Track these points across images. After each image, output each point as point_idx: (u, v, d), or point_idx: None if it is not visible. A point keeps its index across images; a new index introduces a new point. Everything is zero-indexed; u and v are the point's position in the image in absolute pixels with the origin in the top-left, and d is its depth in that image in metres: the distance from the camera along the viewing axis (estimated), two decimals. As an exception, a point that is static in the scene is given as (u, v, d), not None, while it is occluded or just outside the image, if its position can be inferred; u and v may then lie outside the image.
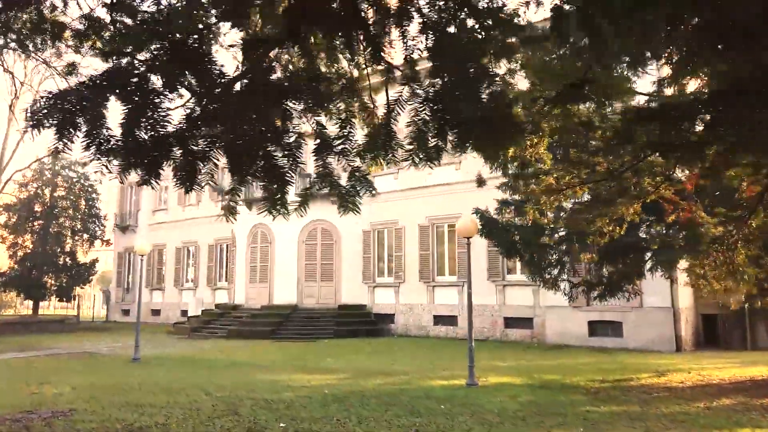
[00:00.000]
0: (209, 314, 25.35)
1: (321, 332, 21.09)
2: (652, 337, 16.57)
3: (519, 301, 19.61)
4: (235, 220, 5.77)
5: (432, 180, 22.30)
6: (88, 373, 12.17)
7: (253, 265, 24.99)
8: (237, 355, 15.65)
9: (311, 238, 23.91)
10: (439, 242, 21.96)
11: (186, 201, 32.55)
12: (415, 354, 16.07)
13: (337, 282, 23.63)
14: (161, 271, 33.49)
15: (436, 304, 21.61)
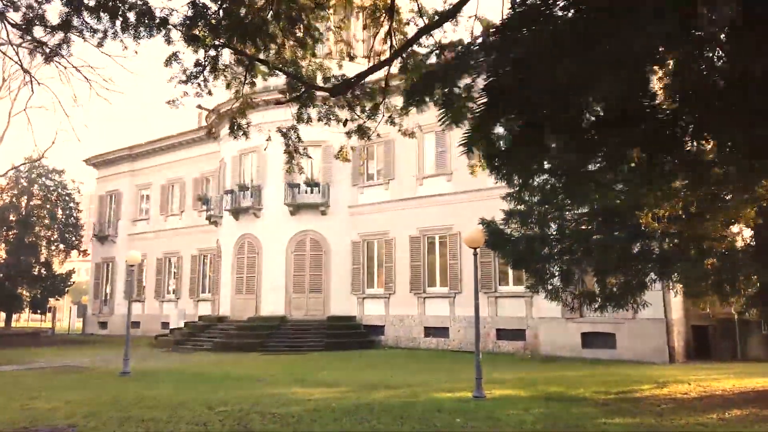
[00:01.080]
0: (193, 326, 24.79)
1: (310, 344, 20.76)
2: (646, 348, 16.66)
3: (511, 313, 19.58)
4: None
5: (423, 191, 22.29)
6: (78, 388, 11.70)
7: (239, 276, 24.54)
8: (229, 369, 15.26)
9: (300, 248, 23.61)
10: (430, 253, 21.87)
11: (168, 211, 31.95)
12: (411, 366, 15.87)
13: (326, 293, 23.33)
14: (141, 282, 32.70)
15: (427, 315, 21.47)
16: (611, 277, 11.41)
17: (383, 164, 23.62)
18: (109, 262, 34.54)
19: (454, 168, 21.51)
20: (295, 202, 23.41)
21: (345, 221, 23.84)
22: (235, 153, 25.56)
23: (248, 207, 24.17)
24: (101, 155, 35.98)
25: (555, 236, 11.32)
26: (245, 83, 9.70)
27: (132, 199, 34.10)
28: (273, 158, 24.17)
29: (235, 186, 24.87)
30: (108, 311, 34.11)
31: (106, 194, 35.55)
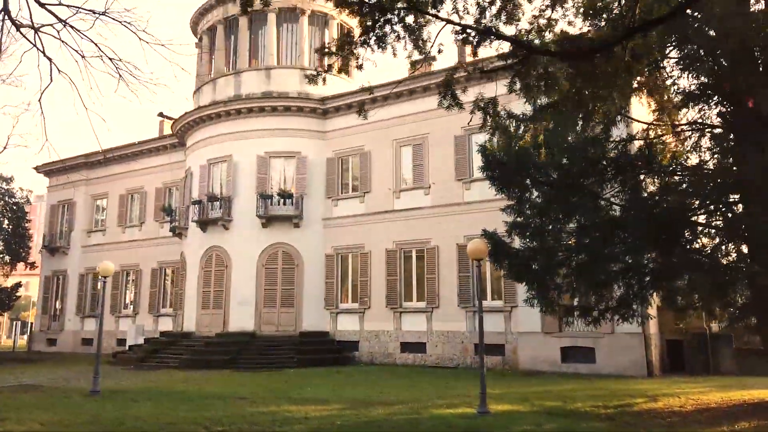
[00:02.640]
0: (156, 343, 23.61)
1: (283, 361, 20.04)
2: (625, 362, 16.81)
3: (490, 328, 19.30)
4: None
5: (400, 204, 22.07)
6: (48, 408, 10.76)
7: (206, 290, 23.57)
8: (204, 386, 14.47)
9: (272, 261, 22.91)
10: (407, 267, 21.59)
11: (127, 222, 30.59)
12: (394, 382, 15.45)
13: (298, 308, 22.67)
14: (96, 296, 31.04)
15: (403, 330, 21.12)
16: (607, 290, 11.43)
17: (359, 176, 23.29)
18: (60, 276, 32.68)
19: (432, 182, 21.42)
20: (268, 214, 22.75)
21: (318, 234, 23.33)
22: (203, 162, 24.75)
23: (217, 218, 23.32)
24: (53, 163, 34.07)
25: (552, 249, 11.25)
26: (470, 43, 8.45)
27: (86, 209, 32.50)
28: (244, 168, 23.59)
29: (203, 196, 24.00)
30: (57, 327, 32.18)
31: (58, 204, 33.76)
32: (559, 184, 10.81)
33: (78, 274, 31.80)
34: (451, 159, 21.09)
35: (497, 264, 11.44)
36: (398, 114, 22.67)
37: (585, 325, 12.18)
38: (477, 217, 20.03)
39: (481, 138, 20.87)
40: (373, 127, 23.13)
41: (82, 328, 31.24)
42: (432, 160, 21.58)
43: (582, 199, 10.88)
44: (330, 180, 23.76)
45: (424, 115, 21.98)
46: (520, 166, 10.72)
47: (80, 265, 31.82)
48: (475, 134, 20.95)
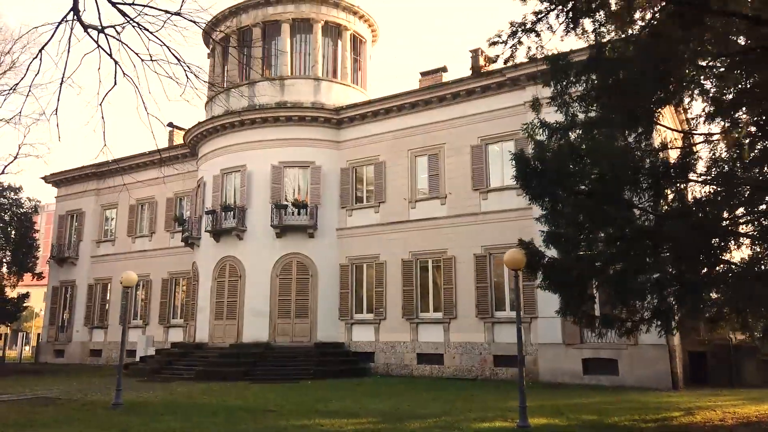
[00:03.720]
0: (169, 354, 23.36)
1: (299, 372, 19.79)
2: (649, 374, 16.59)
3: (509, 339, 19.14)
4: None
5: (416, 214, 21.94)
6: (74, 423, 10.54)
7: (219, 301, 23.36)
8: (227, 399, 14.24)
9: (286, 272, 22.72)
10: (423, 278, 21.40)
11: (137, 232, 30.42)
12: (419, 395, 15.22)
13: (313, 318, 22.45)
14: (105, 307, 30.84)
15: (420, 341, 20.89)
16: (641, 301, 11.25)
17: (373, 186, 23.16)
18: (68, 286, 32.45)
19: (448, 191, 21.30)
20: (282, 224, 22.60)
21: (333, 244, 23.16)
22: (216, 172, 24.64)
23: (231, 228, 23.17)
24: (62, 173, 34.12)
25: (586, 259, 11.09)
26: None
27: (96, 219, 32.34)
28: (258, 178, 23.48)
29: (217, 206, 23.86)
30: (65, 338, 31.90)
31: (67, 214, 33.61)
32: (595, 193, 10.66)
33: (86, 284, 31.58)
34: (468, 169, 20.98)
35: (532, 274, 11.24)
36: (413, 124, 22.60)
37: (618, 336, 11.99)
38: (495, 228, 20.00)
39: (497, 148, 20.92)
40: (387, 137, 23.12)
41: (90, 340, 30.97)
42: (448, 170, 21.47)
43: (618, 209, 10.74)
44: (344, 190, 23.65)
45: (440, 125, 21.92)
46: (556, 175, 10.57)
47: (89, 275, 31.61)
48: (491, 144, 20.92)
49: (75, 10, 6.28)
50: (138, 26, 6.70)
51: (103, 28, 6.52)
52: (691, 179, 10.90)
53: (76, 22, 6.37)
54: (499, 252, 19.88)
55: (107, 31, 6.58)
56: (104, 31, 6.57)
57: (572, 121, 11.51)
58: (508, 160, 20.12)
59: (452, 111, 21.70)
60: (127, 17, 6.61)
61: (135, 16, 6.57)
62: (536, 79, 19.57)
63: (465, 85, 21.30)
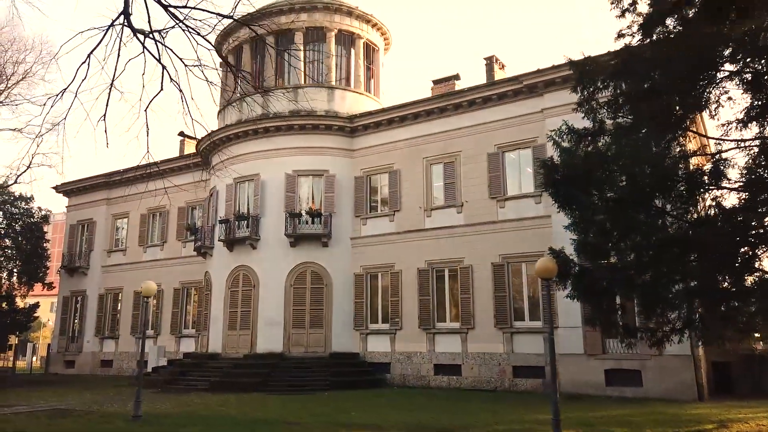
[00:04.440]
0: (182, 365, 23.16)
1: (315, 383, 19.53)
2: (673, 385, 16.27)
3: (528, 349, 18.95)
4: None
5: (431, 223, 21.74)
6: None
7: (233, 311, 23.16)
8: (247, 411, 14.01)
9: (300, 281, 22.52)
10: (440, 287, 21.16)
11: (148, 241, 30.31)
12: (440, 406, 14.96)
13: (327, 329, 22.22)
14: (116, 317, 30.67)
15: (437, 352, 20.60)
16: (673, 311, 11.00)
17: (388, 195, 23.00)
18: (79, 296, 32.33)
19: (465, 200, 21.10)
20: (296, 233, 22.43)
21: (347, 253, 22.97)
22: (229, 181, 24.48)
23: (244, 237, 23.02)
24: (74, 182, 34.09)
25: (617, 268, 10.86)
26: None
27: (107, 228, 32.27)
28: (271, 187, 23.36)
29: (230, 215, 23.73)
30: (75, 349, 31.72)
31: (78, 223, 33.56)
32: (626, 200, 10.46)
33: (97, 294, 31.45)
34: (485, 177, 20.79)
35: (562, 283, 11.00)
36: (428, 132, 22.46)
37: (649, 347, 11.71)
38: (513, 236, 19.79)
39: (514, 156, 20.75)
40: (402, 145, 22.99)
41: (100, 350, 30.80)
42: (464, 178, 21.29)
43: (650, 216, 10.53)
44: (358, 198, 23.49)
45: (456, 132, 21.78)
46: (585, 182, 10.38)
47: (99, 285, 31.50)
48: (508, 152, 20.75)
49: (126, 13, 6.15)
50: (188, 29, 6.57)
51: (152, 32, 6.40)
52: (723, 186, 10.68)
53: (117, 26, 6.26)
54: (517, 261, 19.70)
55: (149, 35, 6.45)
56: (150, 36, 6.44)
57: (600, 128, 11.33)
58: (526, 168, 20.26)
59: (468, 119, 21.55)
60: (178, 20, 6.49)
61: (183, 18, 6.46)
62: (554, 86, 19.57)
63: (481, 92, 21.17)
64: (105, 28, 6.37)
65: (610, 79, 11.38)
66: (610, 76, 11.35)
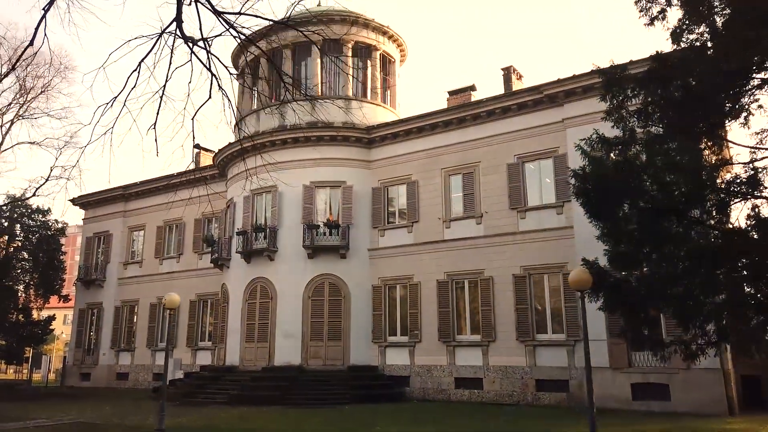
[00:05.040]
0: (200, 378, 23.02)
1: (335, 397, 19.30)
2: (703, 399, 15.88)
3: (551, 362, 18.64)
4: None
5: (450, 234, 21.55)
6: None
7: (250, 323, 23.03)
8: (270, 425, 13.85)
9: (318, 293, 22.37)
10: (460, 299, 20.92)
11: (164, 253, 30.32)
12: (465, 422, 14.70)
13: (346, 341, 22.00)
14: (132, 330, 30.64)
15: (457, 365, 20.31)
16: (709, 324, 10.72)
17: (406, 206, 22.85)
18: (95, 308, 32.35)
19: (484, 210, 20.91)
20: (314, 245, 22.32)
21: (365, 265, 22.81)
22: (246, 193, 24.44)
23: (262, 249, 22.94)
24: (90, 195, 34.23)
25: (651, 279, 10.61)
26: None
27: (123, 241, 32.34)
28: (289, 199, 23.29)
29: (247, 227, 23.68)
30: (92, 362, 31.69)
31: (94, 236, 33.68)
32: (659, 209, 10.24)
33: (113, 306, 31.46)
34: (504, 187, 20.60)
35: (596, 296, 10.76)
36: (446, 143, 22.35)
37: (683, 360, 11.42)
38: (534, 247, 19.57)
39: (533, 166, 20.56)
40: (420, 155, 22.89)
41: (116, 363, 30.73)
42: (483, 188, 21.11)
43: (684, 227, 10.31)
44: (376, 210, 23.37)
45: (474, 143, 21.65)
46: (618, 192, 10.18)
47: (116, 297, 31.52)
48: (528, 162, 20.57)
49: (178, 20, 6.10)
50: (240, 36, 6.51)
51: (202, 39, 6.34)
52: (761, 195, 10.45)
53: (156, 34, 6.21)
54: (538, 272, 19.45)
55: (197, 42, 6.39)
56: (198, 43, 6.39)
57: (631, 136, 11.15)
58: (547, 178, 20.06)
59: (487, 129, 21.42)
60: (231, 26, 6.44)
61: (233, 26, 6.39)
62: (574, 96, 19.41)
63: (501, 102, 21.05)
64: (156, 36, 6.32)
65: (640, 87, 11.22)
66: (640, 84, 11.19)
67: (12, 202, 33.43)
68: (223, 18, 6.57)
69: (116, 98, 6.80)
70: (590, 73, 18.73)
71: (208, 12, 6.71)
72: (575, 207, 18.44)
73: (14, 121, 29.39)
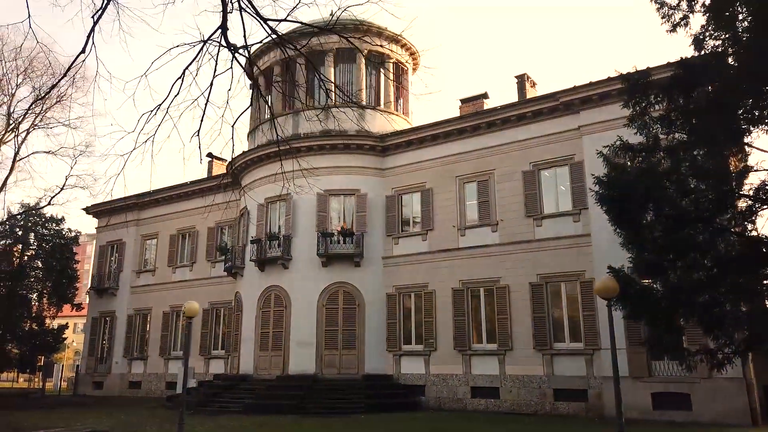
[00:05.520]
0: (214, 386, 22.95)
1: (351, 406, 19.16)
2: (725, 409, 15.65)
3: (570, 372, 18.45)
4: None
5: (465, 242, 21.46)
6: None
7: (264, 331, 22.99)
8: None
9: (332, 301, 22.31)
10: (475, 308, 20.79)
11: (177, 262, 30.37)
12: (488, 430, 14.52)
13: (360, 350, 21.90)
14: (145, 338, 30.66)
15: (473, 374, 20.15)
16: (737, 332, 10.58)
17: (420, 214, 22.79)
18: (108, 317, 32.40)
19: (500, 218, 20.81)
20: (328, 253, 22.28)
21: (379, 273, 22.73)
22: (261, 201, 24.52)
23: (276, 257, 22.92)
24: (103, 204, 34.31)
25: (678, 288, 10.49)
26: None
27: (136, 249, 32.42)
28: (303, 207, 23.28)
29: (261, 235, 23.69)
30: (104, 370, 31.70)
31: (107, 244, 33.79)
32: (685, 217, 10.15)
33: (126, 315, 31.50)
34: (520, 195, 20.51)
35: (619, 303, 10.63)
36: (461, 150, 22.31)
37: (709, 369, 11.27)
38: (551, 255, 19.44)
39: (548, 174, 20.47)
40: (434, 163, 22.86)
41: (129, 371, 30.71)
42: (499, 196, 21.02)
43: (710, 234, 10.20)
44: (390, 218, 23.32)
45: (489, 150, 21.60)
46: (644, 199, 10.10)
47: (129, 306, 31.56)
48: (544, 169, 20.48)
49: (223, 27, 6.11)
50: (287, 43, 6.50)
51: (245, 46, 6.34)
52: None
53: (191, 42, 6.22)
54: (555, 280, 19.31)
55: (239, 50, 6.40)
56: (240, 51, 6.39)
57: (655, 143, 11.07)
58: (563, 185, 19.95)
59: (502, 136, 21.36)
60: (276, 34, 6.44)
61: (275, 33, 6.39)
62: (591, 103, 19.34)
63: (516, 109, 21.01)
64: (200, 43, 6.32)
65: (663, 93, 11.15)
66: (663, 90, 11.12)
67: (26, 211, 33.70)
68: (268, 25, 6.57)
69: (160, 106, 6.80)
70: (607, 81, 18.75)
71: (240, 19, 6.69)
72: (593, 214, 18.43)
73: (30, 131, 29.62)
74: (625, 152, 10.91)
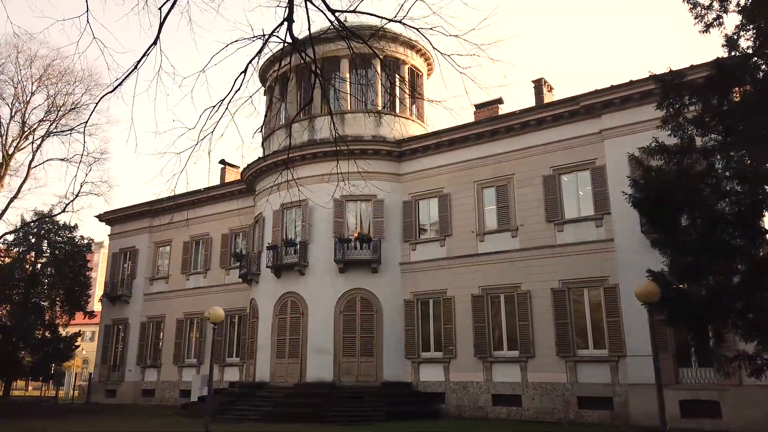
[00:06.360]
0: (230, 394, 22.74)
1: (371, 414, 18.92)
2: (757, 417, 15.29)
3: (594, 379, 18.14)
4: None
5: (484, 248, 21.23)
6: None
7: (281, 338, 22.78)
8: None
9: (349, 308, 22.10)
10: (495, 314, 20.52)
11: (191, 269, 30.23)
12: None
13: (378, 357, 21.65)
14: (158, 346, 30.49)
15: (495, 382, 19.85)
16: None
17: (438, 219, 22.60)
18: (121, 325, 32.29)
19: (519, 223, 20.59)
20: (345, 259, 22.10)
21: (396, 279, 22.52)
22: (276, 207, 24.37)
23: (293, 264, 22.75)
24: (116, 211, 34.36)
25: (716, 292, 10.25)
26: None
27: (149, 256, 32.32)
28: (319, 213, 23.12)
29: (278, 241, 23.53)
30: (117, 378, 31.53)
31: (120, 252, 33.72)
32: (723, 220, 9.92)
33: (139, 322, 31.36)
34: (540, 200, 20.29)
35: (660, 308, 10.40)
36: (478, 155, 22.13)
37: (748, 376, 11.00)
38: (573, 261, 19.20)
39: (567, 178, 20.25)
40: (451, 168, 22.68)
41: (142, 379, 30.52)
42: (518, 201, 20.80)
43: (750, 238, 9.96)
44: (407, 223, 23.14)
45: (508, 155, 21.40)
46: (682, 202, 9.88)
47: (142, 313, 31.43)
48: (565, 174, 20.27)
49: (289, 20, 5.98)
50: (353, 35, 6.37)
51: (311, 41, 6.19)
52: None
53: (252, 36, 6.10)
54: (578, 286, 19.05)
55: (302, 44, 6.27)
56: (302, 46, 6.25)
57: (689, 145, 10.86)
58: (585, 190, 19.72)
59: (521, 141, 21.17)
60: (343, 26, 6.30)
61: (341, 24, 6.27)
62: (612, 107, 19.14)
63: (535, 114, 20.81)
64: (265, 37, 6.20)
65: (698, 94, 10.95)
66: (698, 90, 10.93)
67: (40, 218, 33.69)
68: (336, 18, 6.45)
69: (222, 101, 6.68)
70: (628, 84, 18.58)
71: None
72: (616, 219, 18.21)
73: (45, 138, 29.67)
74: (661, 154, 10.69)
